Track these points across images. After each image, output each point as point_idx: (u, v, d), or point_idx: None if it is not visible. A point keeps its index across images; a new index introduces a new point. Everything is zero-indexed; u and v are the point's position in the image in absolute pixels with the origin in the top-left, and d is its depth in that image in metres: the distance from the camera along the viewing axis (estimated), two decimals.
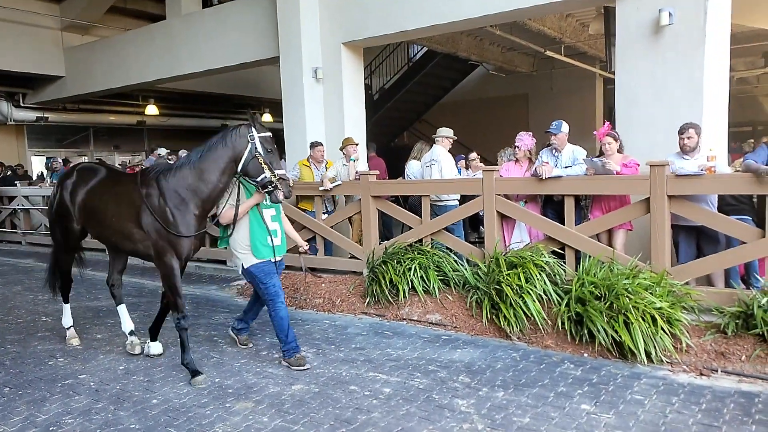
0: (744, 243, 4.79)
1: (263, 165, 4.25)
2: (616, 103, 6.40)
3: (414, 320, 5.74)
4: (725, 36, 6.19)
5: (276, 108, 11.71)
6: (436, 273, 5.86)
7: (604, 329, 4.52)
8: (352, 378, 4.34)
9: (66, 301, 5.48)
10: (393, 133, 16.07)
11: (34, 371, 4.70)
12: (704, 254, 5.22)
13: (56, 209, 5.10)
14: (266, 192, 4.35)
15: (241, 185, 4.46)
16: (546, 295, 5.08)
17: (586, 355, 4.64)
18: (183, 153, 9.85)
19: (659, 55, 6.01)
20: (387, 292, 5.93)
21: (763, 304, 4.29)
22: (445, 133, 7.14)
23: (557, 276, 5.25)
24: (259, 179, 4.29)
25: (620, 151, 5.70)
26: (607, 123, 6.01)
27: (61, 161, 13.28)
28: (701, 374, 4.20)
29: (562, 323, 4.85)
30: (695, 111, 5.76)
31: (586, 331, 4.63)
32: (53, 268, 5.43)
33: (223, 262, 8.38)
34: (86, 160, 11.95)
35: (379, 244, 6.67)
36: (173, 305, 4.50)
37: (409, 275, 5.83)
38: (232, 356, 4.95)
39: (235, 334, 5.16)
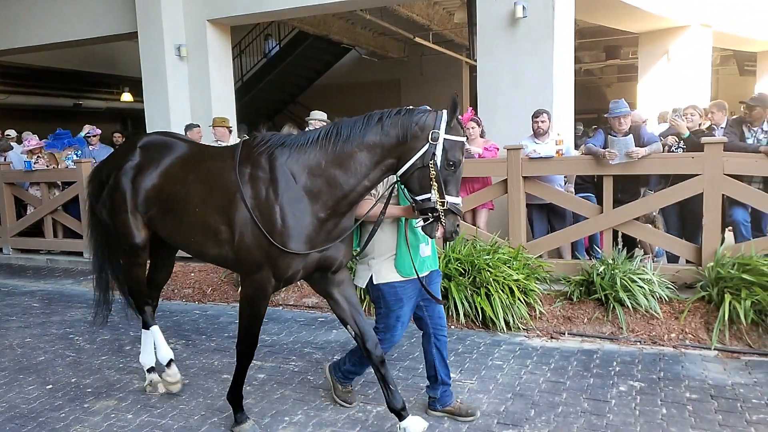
0: (587, 218, 5.36)
1: (433, 183, 2.83)
2: (478, 89, 6.79)
3: (290, 305, 5.71)
4: (571, 30, 6.80)
5: (136, 87, 10.88)
6: None
7: (468, 302, 4.83)
8: (225, 366, 4.23)
9: (146, 327, 3.87)
10: (267, 115, 15.69)
11: None
12: (554, 229, 5.76)
13: (111, 203, 3.60)
14: (423, 218, 2.95)
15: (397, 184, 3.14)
16: None
17: (453, 327, 4.92)
18: (27, 135, 8.68)
19: (516, 45, 6.46)
20: None
21: (601, 272, 4.83)
22: (319, 116, 7.08)
23: None
24: (419, 199, 2.88)
25: (482, 135, 6.06)
26: (470, 109, 6.33)
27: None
28: (551, 338, 4.67)
29: None
30: (547, 98, 6.29)
31: (452, 305, 4.91)
32: (125, 285, 3.96)
33: (80, 254, 7.68)
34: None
35: None
36: (241, 343, 3.24)
37: None
38: (91, 354, 4.60)
39: (433, 405, 3.55)
